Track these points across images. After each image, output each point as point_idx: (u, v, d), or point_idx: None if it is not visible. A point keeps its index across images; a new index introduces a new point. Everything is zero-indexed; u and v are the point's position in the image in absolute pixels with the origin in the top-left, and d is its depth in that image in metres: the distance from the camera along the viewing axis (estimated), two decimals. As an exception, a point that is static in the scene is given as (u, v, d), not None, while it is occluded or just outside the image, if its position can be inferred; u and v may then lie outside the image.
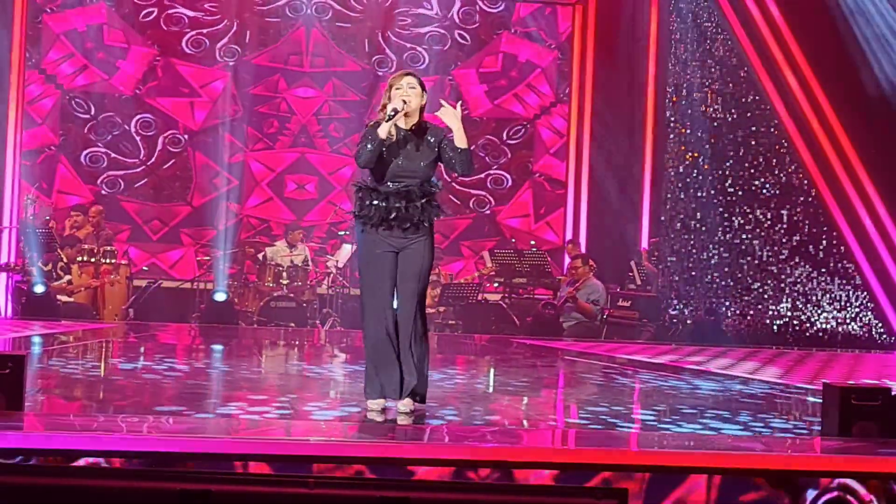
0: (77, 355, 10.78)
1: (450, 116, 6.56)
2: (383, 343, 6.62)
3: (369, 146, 6.54)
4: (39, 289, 14.45)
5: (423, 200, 6.61)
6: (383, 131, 6.51)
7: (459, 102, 6.69)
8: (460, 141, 6.56)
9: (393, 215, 6.57)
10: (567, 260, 16.55)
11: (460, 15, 18.07)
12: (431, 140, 6.68)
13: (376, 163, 6.59)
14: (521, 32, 18.16)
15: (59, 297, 14.67)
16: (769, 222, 15.25)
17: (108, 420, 6.06)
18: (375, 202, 6.60)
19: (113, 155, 17.38)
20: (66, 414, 6.30)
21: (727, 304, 15.27)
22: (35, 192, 16.45)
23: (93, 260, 15.19)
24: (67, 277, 14.90)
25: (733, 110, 15.38)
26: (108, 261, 15.25)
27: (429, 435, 6.14)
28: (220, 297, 14.90)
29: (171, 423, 6.04)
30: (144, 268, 16.86)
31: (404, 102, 6.56)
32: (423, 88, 6.70)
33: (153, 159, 17.46)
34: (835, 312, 15.13)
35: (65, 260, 14.91)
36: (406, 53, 17.77)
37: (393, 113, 6.51)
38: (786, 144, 15.23)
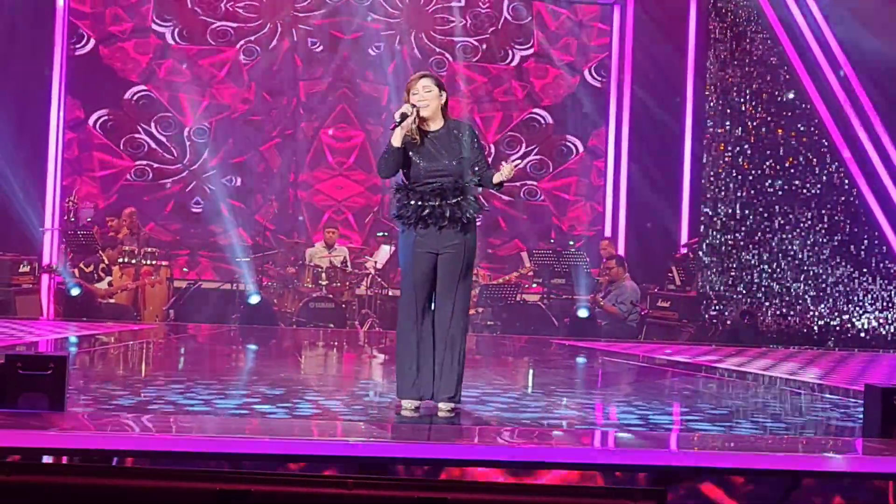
0: (118, 356, 10.86)
1: (506, 175, 6.57)
2: (415, 343, 6.65)
3: (386, 156, 6.64)
4: (75, 291, 14.59)
5: (460, 197, 6.63)
6: (396, 139, 6.57)
7: (516, 163, 6.71)
8: (499, 178, 6.59)
9: (427, 212, 6.59)
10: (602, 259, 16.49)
11: (511, 11, 18.11)
12: (458, 134, 6.70)
13: (408, 166, 6.65)
14: (547, 48, 18.18)
15: (100, 298, 14.78)
16: (810, 222, 15.14)
17: (149, 420, 6.10)
18: (412, 202, 6.64)
19: (156, 165, 17.53)
20: (106, 414, 6.34)
21: (767, 304, 15.17)
22: (76, 195, 16.59)
23: (133, 261, 15.30)
24: (108, 279, 15.00)
25: (773, 109, 15.28)
26: (148, 262, 15.36)
27: (466, 435, 6.14)
28: (255, 299, 14.96)
29: (210, 423, 6.07)
30: (185, 269, 16.95)
31: (413, 106, 6.59)
32: (441, 88, 6.75)
33: (196, 165, 17.58)
34: (876, 313, 15.00)
35: (106, 262, 15.02)
36: (433, 58, 17.81)
37: (401, 118, 6.56)
38: (826, 144, 15.11)
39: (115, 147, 17.47)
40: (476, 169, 6.71)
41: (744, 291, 15.20)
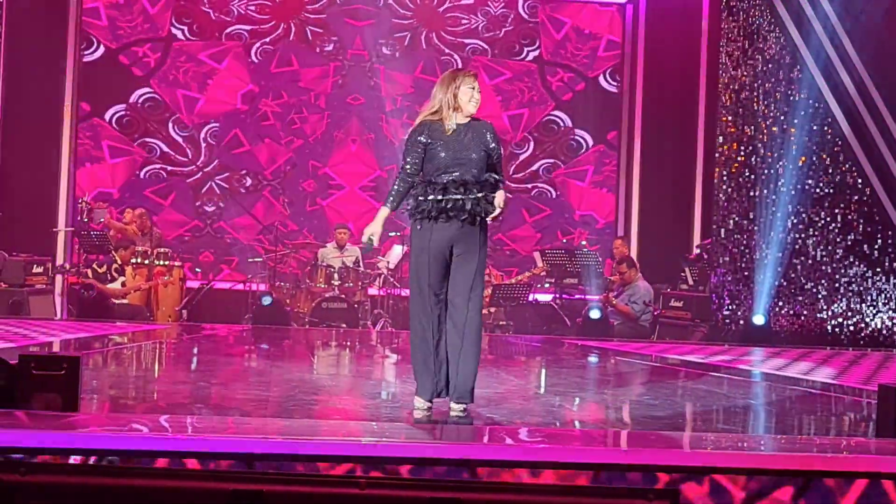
0: (130, 356, 10.88)
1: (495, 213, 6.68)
2: (429, 342, 6.64)
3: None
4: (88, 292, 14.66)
5: (481, 194, 6.62)
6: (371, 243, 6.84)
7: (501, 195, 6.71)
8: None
9: (450, 205, 6.57)
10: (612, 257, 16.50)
11: (527, 10, 18.14)
12: (483, 131, 6.71)
13: (430, 159, 6.63)
14: (565, 45, 18.18)
15: (113, 298, 14.82)
16: (823, 221, 15.09)
17: (161, 421, 6.11)
18: (431, 197, 6.61)
19: (170, 168, 17.59)
20: (119, 415, 6.35)
21: (780, 304, 15.13)
22: (90, 196, 16.65)
23: (146, 262, 15.34)
24: (121, 279, 15.04)
25: (786, 108, 15.25)
26: (161, 262, 15.39)
27: (478, 435, 6.14)
28: (267, 300, 14.98)
29: (222, 424, 6.08)
30: (197, 269, 16.99)
31: (371, 241, 6.78)
32: None
33: (211, 167, 17.61)
34: (890, 312, 14.95)
35: (119, 262, 15.05)
36: (443, 56, 17.82)
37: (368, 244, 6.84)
38: (840, 143, 15.07)
39: (127, 146, 17.52)
40: (492, 169, 6.72)
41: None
